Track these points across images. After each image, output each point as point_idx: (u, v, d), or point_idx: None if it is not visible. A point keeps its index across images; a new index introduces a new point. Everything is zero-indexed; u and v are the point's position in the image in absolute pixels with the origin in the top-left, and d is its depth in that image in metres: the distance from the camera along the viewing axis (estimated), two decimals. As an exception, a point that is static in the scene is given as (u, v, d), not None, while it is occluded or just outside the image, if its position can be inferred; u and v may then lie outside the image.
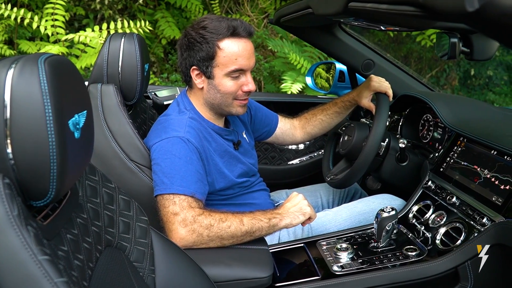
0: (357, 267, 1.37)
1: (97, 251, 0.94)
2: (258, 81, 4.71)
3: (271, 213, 1.41)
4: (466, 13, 0.53)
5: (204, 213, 1.33)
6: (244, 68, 1.48)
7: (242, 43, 1.46)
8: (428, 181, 1.63)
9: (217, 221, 1.32)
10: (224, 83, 1.48)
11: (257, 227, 1.36)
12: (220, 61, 1.45)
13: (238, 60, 1.46)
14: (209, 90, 1.51)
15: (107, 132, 1.50)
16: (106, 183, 1.05)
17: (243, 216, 1.37)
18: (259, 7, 5.02)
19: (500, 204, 1.32)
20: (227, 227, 1.32)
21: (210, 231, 1.31)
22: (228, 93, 1.50)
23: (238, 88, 1.50)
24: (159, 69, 4.95)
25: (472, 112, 1.77)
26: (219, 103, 1.53)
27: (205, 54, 1.45)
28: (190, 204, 1.34)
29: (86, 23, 4.66)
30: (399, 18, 0.94)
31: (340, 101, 1.89)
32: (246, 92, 1.52)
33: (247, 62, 1.48)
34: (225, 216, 1.34)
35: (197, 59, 1.47)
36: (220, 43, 1.44)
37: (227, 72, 1.46)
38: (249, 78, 1.51)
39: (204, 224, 1.31)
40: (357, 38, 2.09)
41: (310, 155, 2.44)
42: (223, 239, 1.33)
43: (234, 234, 1.33)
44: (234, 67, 1.46)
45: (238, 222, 1.34)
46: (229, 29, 1.43)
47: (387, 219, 1.41)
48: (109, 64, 1.56)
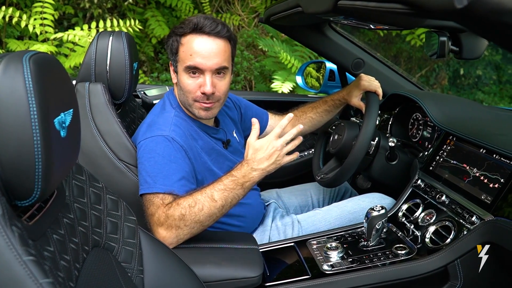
0: (347, 266, 1.37)
1: (84, 252, 0.92)
2: (248, 81, 4.70)
3: (242, 176, 1.32)
4: (455, 10, 0.53)
5: (172, 205, 1.30)
6: (199, 66, 1.42)
7: (203, 40, 1.42)
8: (417, 179, 1.63)
9: (187, 208, 1.28)
10: (183, 80, 1.46)
11: (232, 196, 1.31)
12: (180, 56, 1.45)
13: (193, 57, 1.42)
14: (178, 86, 1.52)
15: (95, 131, 1.49)
16: (94, 183, 1.04)
17: (213, 191, 1.30)
18: (249, 6, 5.01)
19: (489, 202, 1.32)
20: (200, 210, 1.28)
21: (185, 221, 1.28)
22: (186, 91, 1.47)
23: (196, 88, 1.45)
24: (149, 68, 4.92)
25: (461, 111, 1.78)
26: (183, 101, 1.51)
27: (171, 48, 1.48)
28: (163, 201, 1.32)
29: (75, 22, 4.62)
30: (388, 16, 0.94)
31: (330, 100, 1.89)
32: (204, 94, 1.45)
33: (204, 61, 1.42)
34: (193, 200, 1.29)
35: (169, 54, 1.51)
36: (182, 38, 1.44)
37: (184, 68, 1.44)
38: (208, 79, 1.43)
39: (177, 216, 1.28)
40: (347, 37, 2.09)
41: (301, 154, 2.43)
42: (201, 222, 1.30)
43: (210, 213, 1.30)
44: (189, 63, 1.43)
45: (209, 201, 1.29)
46: (193, 25, 1.42)
47: (377, 218, 1.41)
48: (97, 63, 1.55)
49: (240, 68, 4.49)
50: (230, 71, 1.51)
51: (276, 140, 1.34)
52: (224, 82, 1.48)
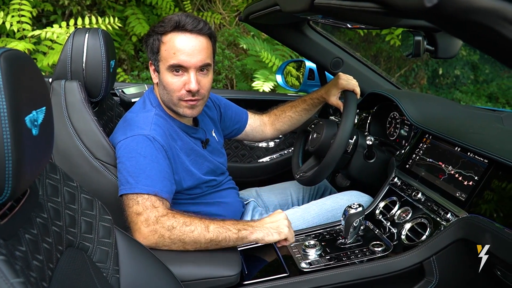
0: (324, 263, 1.37)
1: (58, 252, 0.91)
2: (230, 79, 4.69)
3: (242, 224, 1.36)
4: (425, 9, 0.54)
5: (168, 214, 1.30)
6: (183, 64, 1.42)
7: (185, 38, 1.41)
8: (394, 177, 1.65)
9: (180, 224, 1.28)
10: (167, 79, 1.45)
11: (224, 236, 1.31)
12: (162, 55, 1.43)
13: (176, 55, 1.41)
14: (159, 86, 1.50)
15: (71, 130, 1.47)
16: (68, 182, 1.02)
17: (211, 223, 1.32)
18: (231, 5, 5.00)
19: (464, 199, 1.34)
20: (190, 232, 1.28)
21: (172, 233, 1.28)
22: (171, 90, 1.45)
23: (181, 87, 1.44)
24: (130, 66, 4.88)
25: (437, 109, 1.80)
26: (167, 101, 1.50)
27: (151, 47, 1.46)
28: (153, 203, 1.31)
29: (54, 20, 4.55)
30: (363, 15, 0.95)
31: (309, 98, 1.89)
32: (189, 92, 1.45)
33: (188, 59, 1.41)
34: (190, 220, 1.30)
35: (149, 53, 1.48)
36: (164, 37, 1.42)
37: (167, 67, 1.43)
38: (192, 77, 1.43)
39: (166, 225, 1.28)
40: (326, 37, 2.10)
41: (280, 153, 2.44)
42: (185, 243, 1.29)
43: (197, 240, 1.29)
44: (172, 61, 1.41)
45: (203, 228, 1.29)
46: (175, 23, 1.40)
47: (354, 215, 1.42)
48: (73, 60, 1.53)
49: (221, 66, 4.48)
50: (212, 68, 1.51)
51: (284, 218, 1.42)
52: (207, 79, 1.48)
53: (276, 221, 1.39)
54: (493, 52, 0.56)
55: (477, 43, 0.62)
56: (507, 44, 0.49)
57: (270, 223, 1.38)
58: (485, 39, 0.52)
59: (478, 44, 0.63)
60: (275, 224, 1.38)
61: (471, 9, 0.50)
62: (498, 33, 0.49)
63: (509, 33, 0.48)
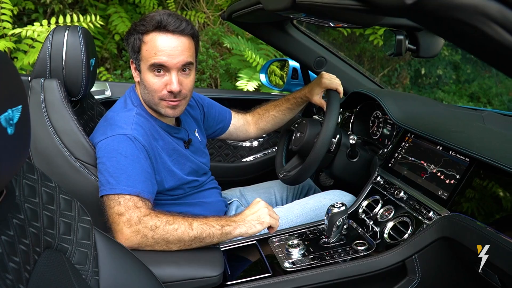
0: (308, 263, 1.37)
1: (35, 253, 0.89)
2: (214, 79, 4.67)
3: (225, 220, 1.34)
4: (406, 6, 0.53)
5: (150, 214, 1.29)
6: (164, 64, 1.40)
7: (167, 38, 1.39)
8: (377, 176, 1.66)
9: (164, 223, 1.27)
10: (148, 79, 1.43)
11: (208, 233, 1.29)
12: (143, 54, 1.42)
13: (157, 55, 1.39)
14: (141, 85, 1.48)
15: (50, 129, 1.44)
16: (46, 182, 1.00)
17: (194, 220, 1.30)
18: (214, 4, 4.98)
19: (446, 198, 1.35)
20: (174, 230, 1.27)
21: (155, 233, 1.26)
22: (152, 90, 1.43)
23: (162, 87, 1.43)
24: (113, 65, 4.83)
25: (419, 108, 1.81)
26: (148, 101, 1.48)
27: (132, 46, 1.44)
28: (135, 204, 1.30)
29: (35, 18, 4.48)
30: (345, 13, 0.95)
31: (292, 98, 1.89)
32: (171, 93, 1.43)
33: (170, 59, 1.39)
34: (173, 219, 1.29)
35: (130, 52, 1.46)
36: (145, 36, 1.40)
37: (148, 67, 1.41)
38: (174, 77, 1.41)
39: (149, 225, 1.26)
40: (310, 36, 2.11)
41: (264, 152, 2.44)
42: (169, 242, 1.28)
43: (180, 238, 1.27)
44: (153, 61, 1.40)
45: (186, 226, 1.28)
46: (156, 23, 1.38)
47: (337, 214, 1.42)
48: (52, 58, 1.50)
49: (205, 66, 4.46)
50: (194, 68, 1.49)
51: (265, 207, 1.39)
52: (189, 80, 1.46)
53: (256, 212, 1.37)
54: (474, 50, 0.56)
55: (459, 40, 0.62)
56: (488, 41, 0.49)
57: (250, 215, 1.36)
58: (466, 36, 0.52)
59: (460, 42, 0.62)
60: (255, 216, 1.36)
61: (452, 6, 0.50)
62: (479, 30, 0.48)
63: (490, 30, 0.48)
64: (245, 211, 1.38)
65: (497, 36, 0.48)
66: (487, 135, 1.51)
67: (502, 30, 0.48)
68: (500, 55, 0.50)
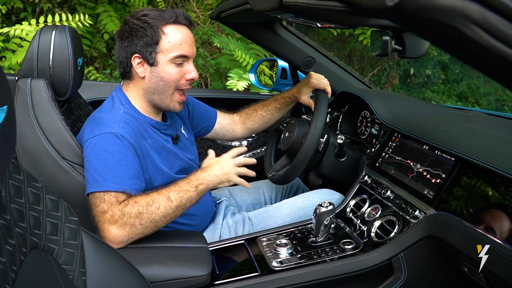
0: (295, 262, 1.38)
1: (22, 254, 0.89)
2: (204, 78, 4.67)
3: (196, 179, 1.41)
4: (387, 8, 0.54)
5: (129, 202, 1.30)
6: (187, 54, 1.47)
7: (185, 30, 1.47)
8: (364, 176, 1.67)
9: (145, 206, 1.30)
10: (168, 70, 1.46)
11: (186, 198, 1.37)
12: (165, 46, 1.44)
13: (182, 46, 1.45)
14: (151, 79, 1.48)
15: (37, 129, 1.43)
16: (32, 183, 1.00)
17: (169, 191, 1.36)
18: (204, 3, 4.98)
19: (432, 197, 1.36)
20: (156, 209, 1.31)
21: (141, 219, 1.29)
22: (172, 81, 1.48)
23: (181, 76, 1.49)
24: (102, 64, 4.80)
25: (406, 108, 1.83)
26: (160, 93, 1.49)
27: (149, 39, 1.43)
28: (117, 199, 1.30)
29: (24, 17, 4.45)
30: (330, 14, 0.95)
31: (281, 97, 1.90)
32: (189, 81, 1.51)
33: (190, 49, 1.48)
34: (151, 199, 1.32)
35: (140, 45, 1.44)
36: (165, 28, 1.44)
37: (171, 58, 1.45)
38: (192, 66, 1.51)
39: (133, 213, 1.28)
40: (298, 36, 2.11)
41: (253, 152, 2.44)
42: (156, 221, 1.32)
43: (165, 213, 1.33)
44: (179, 52, 1.45)
45: (165, 201, 1.33)
46: (172, 16, 1.44)
47: (325, 214, 1.43)
48: (40, 58, 1.49)
49: (195, 65, 4.45)
50: None
51: (230, 159, 1.50)
52: None
53: (226, 172, 1.46)
54: (456, 52, 0.57)
55: (440, 42, 0.63)
56: (469, 43, 0.49)
57: (220, 171, 1.45)
58: (448, 38, 0.52)
59: (441, 44, 0.63)
60: (225, 176, 1.45)
61: (432, 8, 0.51)
62: (460, 32, 0.49)
63: (470, 32, 0.49)
64: (212, 166, 1.46)
65: (477, 37, 0.49)
66: (472, 135, 1.53)
67: (482, 31, 0.49)
68: (480, 57, 0.50)
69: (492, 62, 0.50)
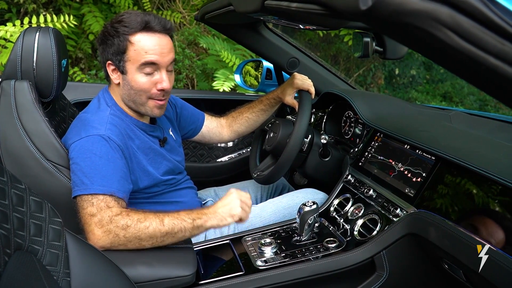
0: (280, 261, 1.40)
1: (6, 255, 0.89)
2: (191, 79, 4.66)
3: (196, 213, 1.34)
4: (360, 11, 0.56)
5: (122, 213, 1.29)
6: (156, 62, 1.42)
7: (156, 38, 1.42)
8: (348, 175, 1.70)
9: (135, 221, 1.27)
10: (137, 79, 1.44)
11: (180, 227, 1.30)
12: (131, 55, 1.41)
13: (148, 54, 1.41)
14: (123, 86, 1.47)
15: (21, 131, 1.43)
16: (16, 184, 1.00)
17: (165, 216, 1.30)
18: (190, 4, 4.97)
19: (412, 195, 1.39)
20: (145, 228, 1.27)
21: (127, 232, 1.26)
22: (141, 90, 1.45)
23: (152, 86, 1.45)
24: (87, 65, 4.77)
25: (389, 109, 1.86)
26: (133, 101, 1.48)
27: (116, 48, 1.42)
28: (107, 204, 1.30)
29: (8, 18, 4.40)
30: (310, 16, 0.97)
31: (266, 99, 1.91)
32: (161, 91, 1.46)
33: (160, 58, 1.42)
34: (144, 217, 1.29)
35: (110, 53, 1.44)
36: (131, 37, 1.40)
37: (138, 67, 1.42)
38: (164, 75, 1.45)
39: (121, 224, 1.26)
40: (282, 37, 2.13)
41: (239, 152, 2.46)
42: (141, 240, 1.28)
43: (153, 235, 1.28)
44: (144, 60, 1.41)
45: (158, 223, 1.28)
46: (142, 23, 1.40)
47: (309, 213, 1.45)
48: (23, 60, 1.49)
49: (181, 66, 4.45)
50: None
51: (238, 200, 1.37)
52: (173, 77, 1.51)
53: (228, 204, 1.36)
54: (429, 54, 0.59)
55: (414, 46, 0.65)
56: (441, 45, 0.51)
57: (222, 208, 1.35)
58: (421, 42, 0.54)
59: (415, 47, 0.65)
60: (227, 208, 1.35)
61: (404, 12, 0.52)
62: (432, 35, 0.51)
63: (442, 35, 0.51)
64: (217, 203, 1.38)
65: (449, 40, 0.51)
66: (452, 134, 1.56)
67: (453, 34, 0.51)
68: (453, 59, 0.52)
69: (463, 63, 0.51)
